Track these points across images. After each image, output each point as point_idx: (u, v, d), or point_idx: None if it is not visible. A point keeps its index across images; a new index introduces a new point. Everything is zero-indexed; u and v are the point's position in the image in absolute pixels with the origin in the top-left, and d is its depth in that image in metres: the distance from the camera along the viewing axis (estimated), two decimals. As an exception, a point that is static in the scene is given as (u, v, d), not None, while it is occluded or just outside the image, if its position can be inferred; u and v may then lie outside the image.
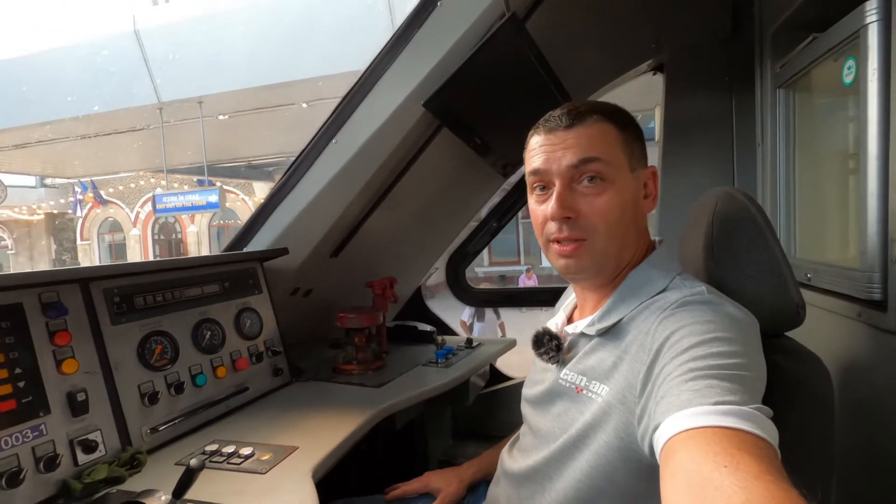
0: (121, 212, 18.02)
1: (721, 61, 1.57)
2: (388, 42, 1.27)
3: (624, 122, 0.75)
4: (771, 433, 0.50)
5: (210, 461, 0.89)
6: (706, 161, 1.62)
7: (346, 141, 1.31)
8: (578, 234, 0.72)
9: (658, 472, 0.53)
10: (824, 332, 0.97)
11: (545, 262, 13.87)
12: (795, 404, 0.64)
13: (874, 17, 0.82)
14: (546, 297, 2.10)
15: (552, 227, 0.73)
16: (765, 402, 0.55)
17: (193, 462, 0.71)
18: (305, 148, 1.38)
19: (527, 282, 12.74)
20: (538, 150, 0.75)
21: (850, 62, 0.90)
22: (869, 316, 0.85)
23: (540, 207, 0.75)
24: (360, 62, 1.34)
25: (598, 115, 0.73)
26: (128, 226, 18.01)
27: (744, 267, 0.72)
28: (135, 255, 17.69)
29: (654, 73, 1.75)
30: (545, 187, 0.75)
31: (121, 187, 17.58)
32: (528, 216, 0.81)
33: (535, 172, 0.75)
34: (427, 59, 1.21)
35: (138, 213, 17.81)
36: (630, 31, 1.62)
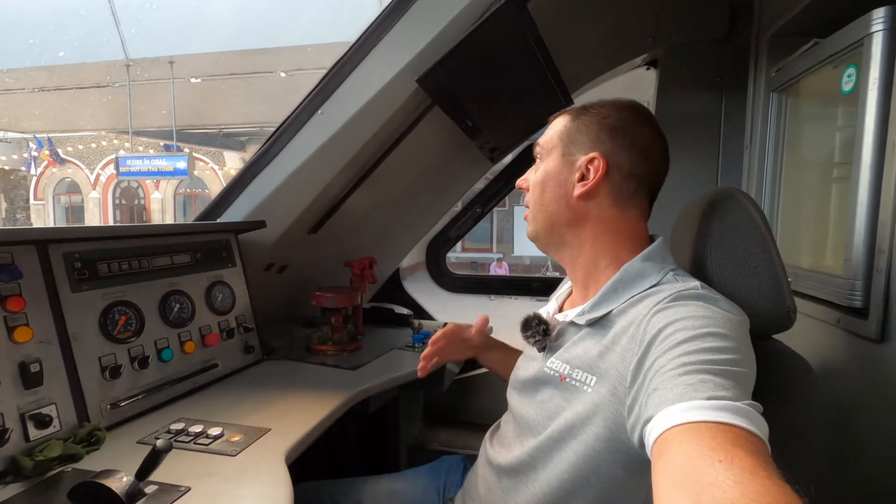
0: (80, 172, 17.11)
1: (715, 61, 1.57)
2: (383, 11, 1.21)
3: (581, 112, 0.80)
4: (763, 430, 0.50)
5: (176, 440, 0.84)
6: (691, 159, 1.63)
7: (332, 112, 1.25)
8: (526, 203, 0.85)
9: (644, 464, 0.53)
10: (802, 336, 0.99)
11: (517, 251, 14.00)
12: (783, 406, 0.65)
13: (880, 27, 0.82)
14: (524, 286, 2.10)
15: None
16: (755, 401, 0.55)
17: (160, 443, 0.67)
18: (289, 117, 1.31)
19: (497, 270, 12.86)
20: None
21: (851, 70, 0.91)
22: (848, 322, 0.87)
23: None
24: (353, 32, 1.28)
25: (564, 112, 0.83)
26: (87, 188, 17.13)
27: (741, 269, 0.72)
28: (93, 218, 16.89)
29: (648, 69, 1.74)
30: None
31: (80, 146, 16.66)
32: (503, 205, 0.89)
33: None
34: (423, 32, 1.16)
35: (99, 174, 16.94)
36: (628, 23, 1.60)
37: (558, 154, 0.80)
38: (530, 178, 0.84)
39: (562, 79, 1.40)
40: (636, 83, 1.91)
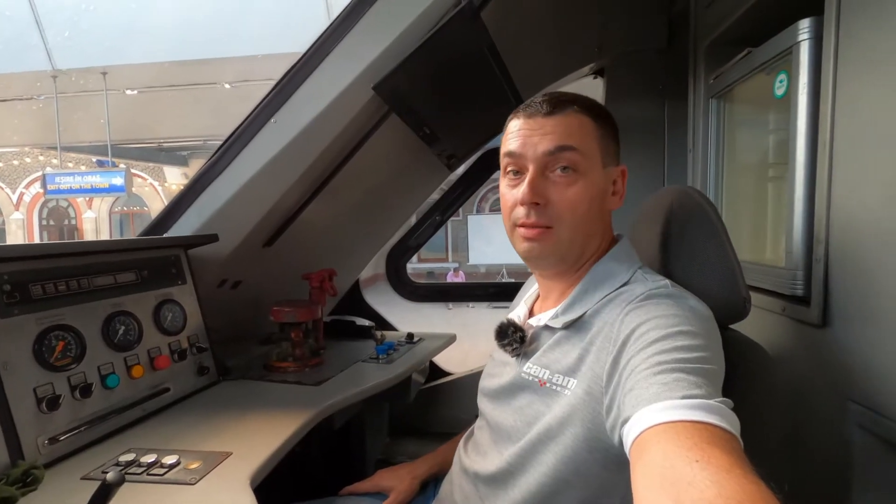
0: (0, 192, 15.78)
1: (657, 70, 1.65)
2: (337, 18, 1.19)
3: (601, 117, 0.76)
4: (735, 426, 0.52)
5: (127, 473, 0.77)
6: (639, 163, 1.70)
7: (286, 121, 1.22)
8: (545, 222, 0.72)
9: (622, 460, 0.53)
10: (752, 325, 1.04)
11: (473, 260, 14.12)
12: (746, 393, 0.68)
13: (806, 36, 0.89)
14: (484, 292, 2.11)
15: (520, 211, 0.73)
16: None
17: (110, 475, 0.61)
18: (240, 126, 1.26)
19: (454, 279, 12.92)
20: (515, 134, 0.74)
21: (783, 76, 0.98)
22: (793, 310, 0.92)
23: (511, 192, 0.75)
24: (302, 43, 1.25)
25: (577, 107, 0.74)
26: (8, 208, 15.79)
27: (699, 262, 0.75)
28: (17, 241, 15.51)
29: (595, 77, 1.81)
30: (518, 172, 0.75)
31: (1, 164, 15.39)
32: (457, 214, 0.82)
33: (511, 155, 0.75)
34: (379, 40, 1.15)
35: (22, 194, 15.67)
36: (576, 33, 1.66)
37: (600, 164, 0.73)
38: (561, 193, 0.71)
39: (516, 86, 1.43)
40: (583, 90, 1.98)
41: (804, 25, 0.89)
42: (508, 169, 0.76)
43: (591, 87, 1.85)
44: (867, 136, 0.75)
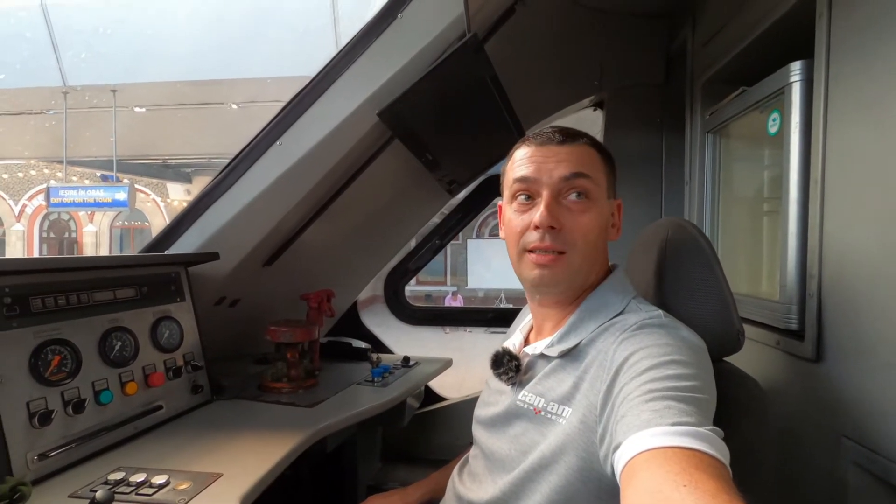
0: (2, 203, 15.85)
1: (655, 104, 1.70)
2: (346, 45, 1.23)
3: (605, 153, 0.79)
4: (724, 454, 0.52)
5: (116, 492, 0.77)
6: (637, 195, 1.73)
7: (291, 144, 1.25)
8: (560, 246, 0.72)
9: (617, 492, 0.53)
10: (747, 358, 1.04)
11: (471, 284, 14.09)
12: (739, 425, 0.68)
13: (797, 78, 0.92)
14: (482, 317, 2.11)
15: (533, 235, 0.73)
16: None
17: (100, 494, 0.61)
18: (246, 147, 1.29)
19: (452, 303, 12.89)
20: (526, 161, 0.76)
21: (776, 115, 1.01)
22: (787, 344, 0.93)
23: (520, 217, 0.75)
24: (312, 68, 1.29)
25: (586, 140, 0.77)
26: (10, 220, 15.85)
27: (693, 294, 0.76)
28: (16, 252, 15.55)
29: (595, 109, 1.85)
30: (530, 197, 0.75)
31: (5, 176, 15.51)
32: (456, 238, 0.81)
33: (524, 180, 0.75)
34: (385, 68, 1.19)
35: (24, 206, 15.76)
36: (577, 67, 1.71)
37: (605, 196, 0.76)
38: (575, 219, 0.72)
39: (517, 116, 1.47)
40: (582, 121, 2.02)
41: (795, 68, 0.92)
42: (518, 194, 0.76)
43: (591, 118, 1.89)
44: (857, 174, 0.77)
